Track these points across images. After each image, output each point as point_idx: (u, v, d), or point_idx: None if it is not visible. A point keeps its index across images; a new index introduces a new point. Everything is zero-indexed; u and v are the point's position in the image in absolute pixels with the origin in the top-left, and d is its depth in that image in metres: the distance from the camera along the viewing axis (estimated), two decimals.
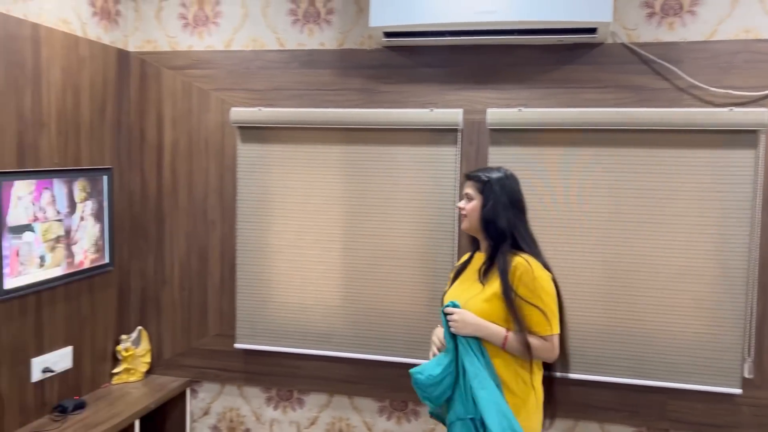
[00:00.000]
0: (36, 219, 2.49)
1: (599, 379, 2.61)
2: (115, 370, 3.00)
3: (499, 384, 1.94)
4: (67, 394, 2.73)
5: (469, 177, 2.12)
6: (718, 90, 2.48)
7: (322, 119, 2.78)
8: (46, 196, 2.54)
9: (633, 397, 2.63)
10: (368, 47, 2.79)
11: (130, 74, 3.03)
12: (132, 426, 2.73)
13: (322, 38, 2.84)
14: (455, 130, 2.69)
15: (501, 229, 2.02)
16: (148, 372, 3.10)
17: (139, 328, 3.08)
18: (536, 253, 2.02)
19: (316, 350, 2.89)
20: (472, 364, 1.94)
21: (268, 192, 2.90)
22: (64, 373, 2.71)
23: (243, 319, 2.96)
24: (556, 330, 1.97)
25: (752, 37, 2.45)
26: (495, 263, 2.01)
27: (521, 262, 1.96)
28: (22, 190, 2.41)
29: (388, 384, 2.85)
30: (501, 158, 2.63)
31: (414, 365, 2.12)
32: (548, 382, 2.11)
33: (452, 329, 1.98)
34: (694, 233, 2.51)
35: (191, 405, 3.15)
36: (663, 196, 2.53)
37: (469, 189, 2.10)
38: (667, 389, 2.58)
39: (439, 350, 2.07)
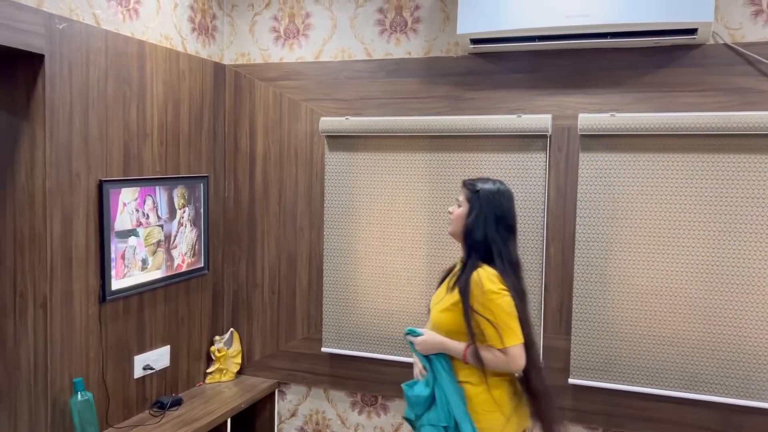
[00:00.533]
0: (139, 224, 2.65)
1: (698, 398, 2.48)
2: (209, 370, 3.13)
3: (462, 396, 2.01)
4: (164, 391, 2.87)
5: (463, 184, 2.16)
6: None
7: (408, 127, 2.80)
8: (149, 202, 2.70)
9: (736, 418, 2.47)
10: (454, 54, 2.79)
11: (225, 86, 3.17)
12: (225, 424, 2.84)
13: (408, 47, 2.86)
14: (544, 136, 2.64)
15: (477, 241, 2.04)
16: (239, 372, 3.21)
17: (231, 329, 3.20)
18: (506, 272, 2.00)
19: (401, 357, 2.90)
20: (442, 377, 2.04)
21: (355, 199, 2.95)
22: (163, 371, 2.85)
23: (329, 324, 3.01)
24: (510, 342, 1.94)
25: None
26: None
27: (474, 275, 1.98)
28: (127, 197, 2.57)
29: None
30: (592, 164, 2.55)
31: None
32: (531, 391, 2.07)
33: (419, 351, 2.09)
34: None
35: (279, 406, 3.24)
36: None
37: (461, 195, 2.14)
38: None
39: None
